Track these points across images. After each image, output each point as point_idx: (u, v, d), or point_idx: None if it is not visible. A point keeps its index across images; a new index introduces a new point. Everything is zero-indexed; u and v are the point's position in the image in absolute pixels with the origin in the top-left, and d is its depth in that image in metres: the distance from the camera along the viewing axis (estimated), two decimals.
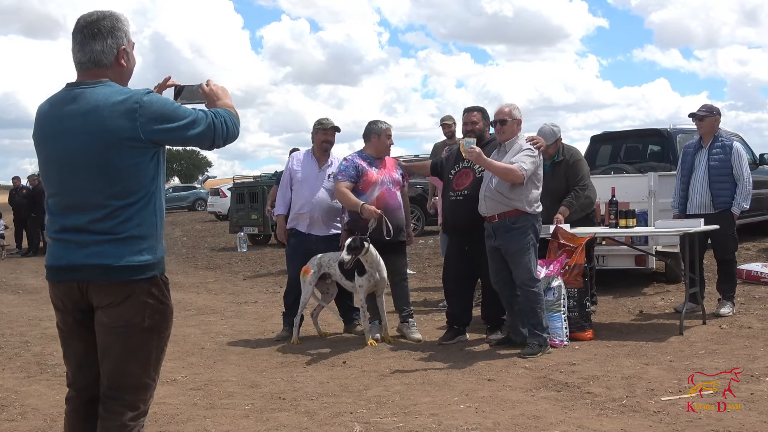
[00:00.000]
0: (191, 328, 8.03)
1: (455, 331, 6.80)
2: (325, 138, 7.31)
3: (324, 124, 7.34)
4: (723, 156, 7.44)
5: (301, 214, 7.27)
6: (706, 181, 7.46)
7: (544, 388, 5.15)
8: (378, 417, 4.65)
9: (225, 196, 27.03)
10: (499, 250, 6.28)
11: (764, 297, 8.27)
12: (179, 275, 13.71)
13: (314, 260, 7.03)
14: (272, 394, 5.30)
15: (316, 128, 7.36)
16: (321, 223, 7.26)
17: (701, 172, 7.50)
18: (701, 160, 7.54)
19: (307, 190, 7.24)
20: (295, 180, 7.34)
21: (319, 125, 7.35)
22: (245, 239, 17.32)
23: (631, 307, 8.22)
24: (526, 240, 6.17)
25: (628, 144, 13.05)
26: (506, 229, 6.20)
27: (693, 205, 7.54)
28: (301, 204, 7.26)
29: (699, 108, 7.62)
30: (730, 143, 7.51)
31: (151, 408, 4.99)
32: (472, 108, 6.93)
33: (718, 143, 7.50)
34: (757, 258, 11.24)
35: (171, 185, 58.01)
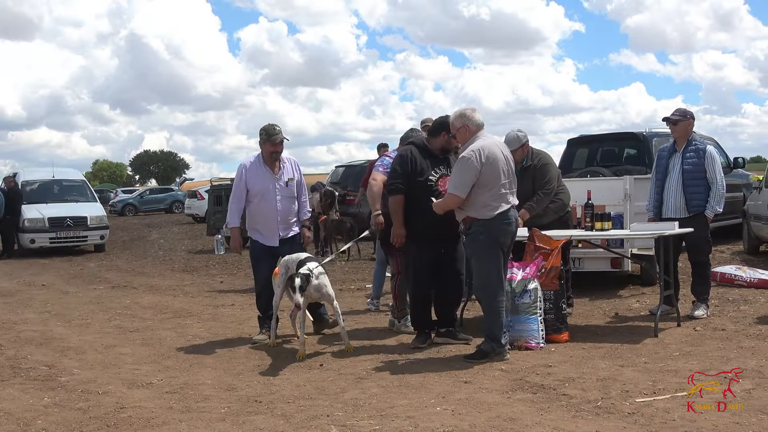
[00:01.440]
0: (167, 331, 7.98)
1: (426, 335, 6.81)
2: (273, 150, 7.22)
3: (273, 137, 7.17)
4: (697, 160, 7.50)
5: (265, 226, 7.33)
6: (680, 185, 7.52)
7: (520, 390, 5.17)
8: (354, 420, 4.65)
9: (202, 198, 26.93)
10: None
11: (738, 299, 8.35)
12: (156, 278, 13.62)
13: (282, 262, 7.06)
14: (248, 397, 5.28)
15: (264, 139, 7.21)
16: (283, 228, 7.36)
17: (675, 176, 7.57)
18: (675, 163, 7.61)
19: (266, 203, 7.26)
20: (253, 193, 7.29)
21: (267, 136, 7.19)
22: (223, 242, 17.26)
23: (607, 309, 8.28)
24: (477, 246, 6.12)
25: (605, 147, 13.16)
26: (466, 234, 6.27)
27: (668, 209, 7.60)
28: (264, 217, 7.31)
29: (673, 112, 7.69)
30: (704, 147, 7.57)
31: (125, 412, 5.00)
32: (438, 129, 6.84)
33: (691, 147, 7.57)
34: (731, 261, 11.37)
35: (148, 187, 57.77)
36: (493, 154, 6.11)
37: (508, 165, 6.21)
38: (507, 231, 6.17)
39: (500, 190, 6.11)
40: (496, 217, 6.08)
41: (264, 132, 7.23)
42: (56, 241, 18.43)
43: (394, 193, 6.74)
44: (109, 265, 16.31)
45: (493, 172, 6.09)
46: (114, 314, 9.35)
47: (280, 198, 7.27)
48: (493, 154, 6.11)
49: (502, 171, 6.12)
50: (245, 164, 7.37)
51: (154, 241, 21.54)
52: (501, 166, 6.12)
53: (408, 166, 6.69)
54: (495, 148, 6.17)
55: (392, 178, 6.81)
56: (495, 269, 6.12)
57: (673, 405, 4.64)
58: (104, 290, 11.91)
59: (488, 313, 6.19)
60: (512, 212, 6.21)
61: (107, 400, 5.34)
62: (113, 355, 6.87)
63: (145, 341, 7.46)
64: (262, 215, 7.31)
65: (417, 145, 6.85)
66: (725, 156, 14.47)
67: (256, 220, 7.39)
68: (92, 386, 5.73)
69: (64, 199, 19.77)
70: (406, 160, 6.73)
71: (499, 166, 6.11)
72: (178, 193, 42.60)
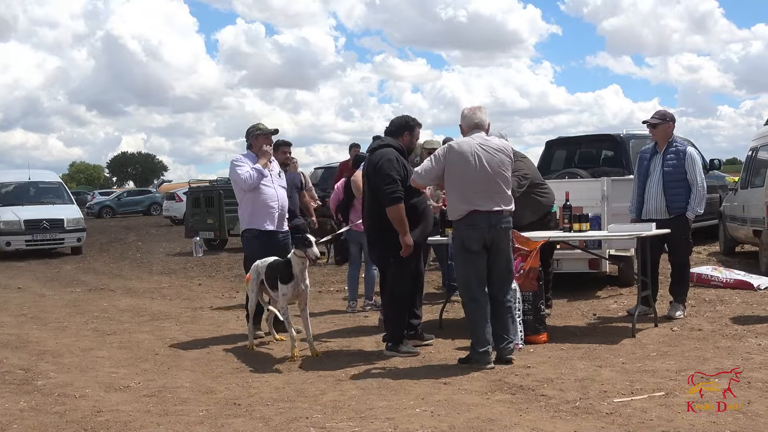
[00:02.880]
0: (145, 334, 7.93)
1: (404, 338, 6.73)
2: (267, 141, 7.50)
3: (263, 129, 7.53)
4: (677, 162, 7.55)
5: (267, 213, 7.44)
6: (661, 187, 7.56)
7: (499, 391, 5.18)
8: (334, 422, 4.64)
9: (180, 200, 26.80)
10: None
11: (714, 300, 8.43)
12: (133, 280, 13.54)
13: (253, 267, 7.04)
14: (227, 400, 5.26)
15: (255, 134, 7.50)
16: (282, 219, 7.58)
17: (656, 178, 7.61)
18: (656, 165, 7.65)
19: (267, 190, 7.41)
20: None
21: (258, 131, 7.50)
22: (201, 244, 17.19)
23: (585, 310, 8.32)
24: (454, 248, 6.25)
25: (582, 149, 13.24)
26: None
27: (649, 211, 7.64)
28: (266, 204, 7.42)
29: (653, 115, 7.74)
30: (684, 149, 7.62)
31: (103, 415, 4.96)
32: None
33: (672, 149, 7.61)
34: (708, 261, 11.48)
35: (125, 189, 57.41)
36: (461, 154, 6.00)
37: (485, 168, 5.97)
38: (471, 236, 6.02)
39: (466, 191, 6.00)
40: (461, 220, 6.06)
41: (254, 128, 7.53)
42: (32, 244, 18.26)
43: (397, 202, 6.29)
44: (86, 267, 16.19)
45: (455, 173, 6.04)
46: (91, 317, 9.28)
47: (278, 186, 7.55)
48: (461, 155, 6.00)
49: (472, 173, 5.97)
50: (240, 156, 7.55)
51: (132, 244, 21.41)
52: (470, 167, 5.97)
53: (401, 169, 6.41)
54: (468, 149, 6.01)
55: (390, 184, 6.32)
56: (464, 273, 6.10)
57: (651, 405, 4.67)
58: (81, 293, 11.81)
59: (467, 314, 6.19)
60: (481, 216, 5.99)
61: (84, 403, 5.30)
62: (90, 359, 6.82)
63: (122, 344, 7.41)
64: (264, 202, 7.42)
65: (396, 149, 6.55)
66: (702, 158, 14.59)
67: (258, 208, 7.42)
68: (69, 390, 5.69)
69: (41, 201, 19.58)
70: (400, 164, 6.44)
71: (466, 167, 5.98)
72: (155, 195, 42.38)
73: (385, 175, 6.34)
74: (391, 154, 6.46)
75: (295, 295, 6.65)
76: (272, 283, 6.79)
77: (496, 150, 6.09)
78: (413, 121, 6.76)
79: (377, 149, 6.60)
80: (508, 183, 6.13)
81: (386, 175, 6.33)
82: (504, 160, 6.10)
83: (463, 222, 6.05)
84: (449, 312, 8.05)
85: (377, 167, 6.42)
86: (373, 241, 6.73)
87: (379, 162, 6.44)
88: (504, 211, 6.06)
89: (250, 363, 6.45)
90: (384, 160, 6.42)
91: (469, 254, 6.05)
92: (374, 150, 6.65)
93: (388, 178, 6.32)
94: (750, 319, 7.35)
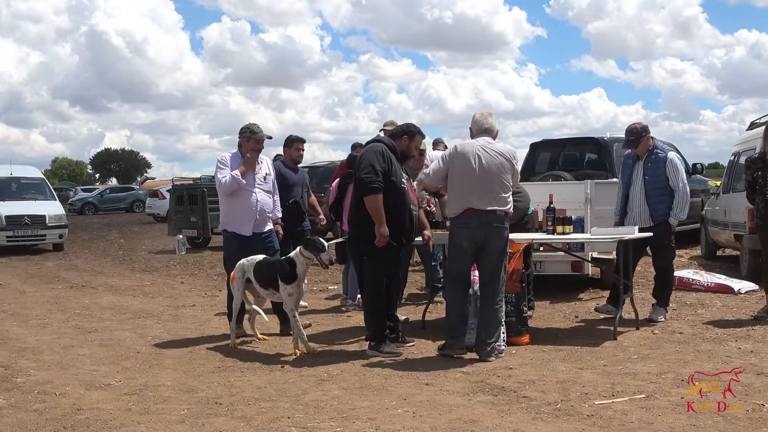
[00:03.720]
0: (126, 332, 7.89)
1: (386, 338, 6.74)
2: (257, 147, 7.38)
3: (258, 134, 7.37)
4: (657, 169, 7.57)
5: (243, 218, 7.34)
6: (643, 196, 7.58)
7: (481, 393, 5.19)
8: (316, 422, 4.64)
9: (164, 197, 26.73)
10: None
11: (695, 303, 8.49)
12: (115, 278, 13.47)
13: (238, 266, 7.02)
14: (208, 399, 5.24)
15: (248, 136, 7.37)
16: (260, 222, 7.44)
17: (638, 187, 7.64)
18: (638, 173, 7.67)
19: (245, 195, 7.32)
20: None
21: (251, 133, 7.37)
22: (184, 242, 17.12)
23: (567, 312, 8.35)
24: (437, 248, 6.66)
25: (567, 152, 13.29)
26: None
27: (633, 219, 7.65)
28: (243, 209, 7.33)
29: (627, 135, 7.69)
30: (665, 155, 7.63)
31: (83, 413, 4.93)
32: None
33: (652, 156, 7.62)
34: (689, 265, 11.55)
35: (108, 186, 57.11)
36: (462, 155, 6.24)
37: (484, 168, 6.17)
38: (461, 233, 6.27)
39: (463, 190, 6.22)
40: (455, 217, 6.31)
41: (248, 130, 7.36)
42: (13, 240, 18.09)
43: (374, 192, 6.30)
44: (68, 264, 16.08)
45: (456, 173, 6.26)
46: (72, 314, 9.23)
47: (258, 191, 7.37)
48: (463, 155, 6.23)
49: (470, 172, 6.16)
50: (225, 156, 7.43)
51: (114, 241, 21.29)
52: (469, 167, 6.17)
53: (386, 164, 6.41)
54: (470, 149, 6.24)
55: (370, 174, 6.31)
56: (449, 265, 6.47)
57: (631, 407, 4.69)
58: (62, 290, 11.74)
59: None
60: (474, 215, 6.18)
61: (64, 401, 5.27)
62: (71, 356, 6.78)
63: (103, 342, 7.37)
64: (240, 207, 7.34)
65: (387, 145, 6.56)
66: (684, 162, 14.69)
67: (234, 212, 7.39)
68: (49, 387, 5.65)
69: (22, 197, 19.39)
70: (385, 158, 6.42)
71: (466, 167, 6.18)
72: (139, 193, 42.22)
73: (366, 164, 6.36)
74: (378, 147, 6.51)
75: (300, 294, 6.76)
76: (266, 282, 6.79)
77: (498, 153, 6.28)
78: (415, 129, 6.81)
79: (368, 144, 6.74)
80: (505, 186, 6.28)
81: (367, 165, 6.35)
82: (504, 164, 6.26)
83: (456, 220, 6.30)
84: (432, 312, 8.06)
85: (361, 157, 6.52)
86: (353, 235, 6.74)
87: (363, 153, 6.55)
88: (498, 211, 6.22)
89: (232, 362, 6.42)
90: (369, 152, 6.49)
91: (457, 250, 6.34)
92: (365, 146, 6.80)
93: (369, 167, 6.33)
94: (730, 322, 7.41)
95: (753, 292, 9.06)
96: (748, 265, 10.08)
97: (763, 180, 7.38)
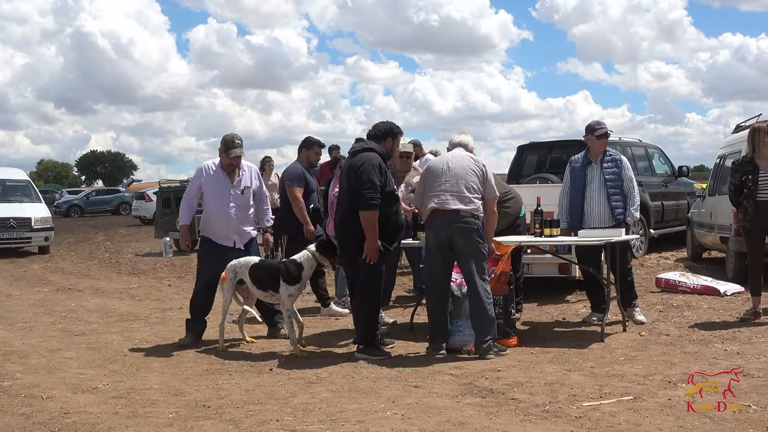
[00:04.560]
0: (113, 335, 7.86)
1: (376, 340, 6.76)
2: (229, 162, 7.25)
3: (230, 150, 7.20)
4: (616, 170, 7.67)
5: (217, 230, 7.34)
6: (604, 195, 7.64)
7: (469, 395, 5.20)
8: (304, 425, 4.63)
9: (150, 200, 26.61)
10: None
11: (681, 305, 8.53)
12: (102, 280, 13.41)
13: (229, 266, 7.00)
14: (197, 402, 5.22)
15: (222, 149, 7.27)
16: (236, 235, 7.35)
17: (596, 187, 7.68)
18: (594, 175, 7.72)
19: (220, 208, 7.27)
20: (207, 196, 7.35)
21: (224, 148, 7.24)
22: (171, 245, 17.06)
23: (555, 314, 8.38)
24: (424, 251, 6.88)
25: (554, 154, 13.32)
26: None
27: (592, 219, 7.69)
28: (217, 221, 7.31)
29: (598, 127, 7.76)
30: (619, 158, 7.79)
31: (70, 417, 4.91)
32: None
33: (608, 157, 7.74)
34: (675, 267, 11.60)
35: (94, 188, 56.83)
36: (433, 165, 6.72)
37: (450, 171, 6.48)
38: (428, 235, 6.57)
39: (431, 194, 6.49)
40: (425, 221, 6.61)
41: (223, 143, 7.25)
42: None
43: (374, 209, 6.26)
44: (54, 267, 16.00)
45: (427, 182, 6.59)
46: (59, 317, 9.18)
47: (233, 205, 7.27)
48: (433, 165, 6.71)
49: (438, 178, 6.48)
50: (205, 166, 7.38)
51: (101, 243, 21.18)
52: (438, 173, 6.51)
53: (383, 177, 6.38)
54: (440, 160, 6.76)
55: (370, 190, 6.27)
56: (426, 269, 6.74)
57: (619, 409, 4.71)
58: (49, 293, 11.68)
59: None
60: (437, 216, 6.41)
61: (51, 405, 5.24)
62: (58, 360, 6.74)
63: (90, 345, 7.34)
64: (214, 219, 7.32)
65: (380, 154, 6.51)
66: (670, 164, 14.78)
67: (208, 222, 7.40)
68: (36, 391, 5.61)
69: (8, 199, 19.26)
70: (382, 171, 6.39)
71: (435, 175, 6.53)
72: (125, 195, 42.00)
73: (367, 179, 6.29)
74: (375, 159, 6.43)
75: (298, 295, 6.84)
76: (265, 284, 6.79)
77: (464, 158, 6.60)
78: (397, 129, 6.82)
79: (360, 152, 6.56)
80: (472, 188, 6.47)
81: (368, 180, 6.28)
82: (472, 167, 6.53)
83: (425, 222, 6.61)
84: (420, 315, 8.06)
85: (360, 170, 6.36)
86: (344, 243, 6.68)
87: (362, 166, 6.38)
88: (462, 210, 6.35)
89: (220, 365, 6.41)
90: (368, 164, 6.37)
91: (427, 251, 6.67)
92: (357, 152, 6.60)
93: (369, 183, 6.27)
94: (716, 324, 7.45)
95: (739, 294, 9.11)
96: (733, 267, 10.13)
97: (753, 183, 7.43)
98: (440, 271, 6.55)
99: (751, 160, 7.51)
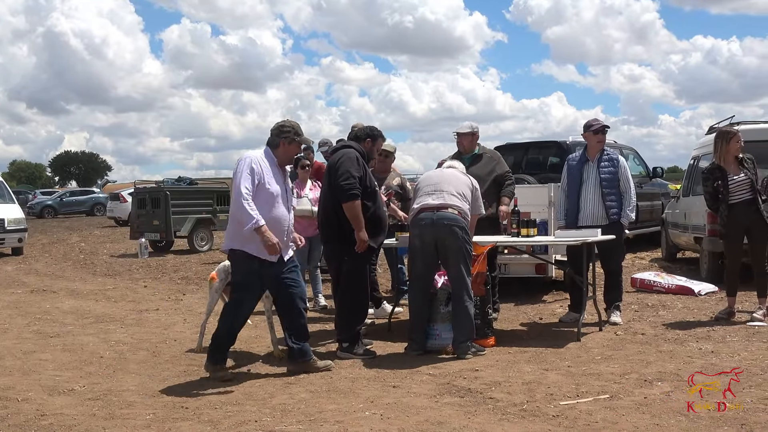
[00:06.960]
0: (89, 337, 7.80)
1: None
2: (298, 152, 6.50)
3: (304, 138, 6.01)
4: (613, 169, 7.71)
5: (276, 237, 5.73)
6: (599, 194, 7.69)
7: (447, 394, 5.22)
8: (283, 425, 4.63)
9: (125, 200, 26.46)
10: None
11: (656, 305, 8.61)
12: (76, 282, 13.29)
13: (221, 267, 6.94)
14: (174, 403, 5.20)
15: (290, 138, 5.88)
16: (287, 243, 5.99)
17: (591, 185, 7.73)
18: (590, 173, 7.77)
19: (281, 210, 5.83)
20: (268, 195, 5.74)
21: (296, 135, 5.91)
22: (146, 245, 16.96)
23: (532, 314, 8.43)
24: (401, 251, 7.14)
25: (530, 155, 13.41)
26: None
27: (586, 217, 7.74)
28: (276, 227, 5.76)
29: (595, 123, 7.82)
30: (617, 157, 7.82)
31: (46, 419, 4.87)
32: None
33: (605, 157, 7.77)
34: (650, 267, 11.71)
35: (68, 189, 56.35)
36: (427, 175, 6.92)
37: (439, 175, 6.78)
38: (413, 233, 6.61)
39: (419, 194, 6.66)
40: (411, 220, 6.68)
41: (293, 129, 5.90)
42: None
43: (354, 198, 6.28)
44: (28, 268, 15.84)
45: (421, 184, 6.75)
46: (33, 319, 9.09)
47: (290, 207, 6.01)
48: (427, 175, 6.90)
49: (428, 182, 6.69)
50: (256, 158, 5.78)
51: (75, 245, 21.00)
52: (430, 181, 6.70)
53: (361, 169, 6.43)
54: (433, 171, 7.04)
55: (348, 180, 6.26)
56: (410, 268, 6.78)
57: (596, 407, 4.75)
58: (23, 294, 11.56)
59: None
60: (423, 213, 6.49)
61: (27, 407, 5.19)
62: (33, 361, 6.68)
63: (66, 347, 7.28)
64: (273, 224, 5.71)
65: (357, 150, 6.57)
66: (644, 165, 14.92)
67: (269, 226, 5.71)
68: (11, 393, 5.56)
69: None
70: (360, 164, 6.44)
71: (428, 180, 6.72)
72: (99, 196, 41.69)
73: (344, 171, 6.35)
74: (352, 153, 6.51)
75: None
76: None
77: (458, 174, 6.79)
78: (378, 132, 6.92)
79: (339, 149, 6.71)
80: (462, 191, 6.57)
81: (345, 172, 6.34)
82: (464, 180, 6.73)
83: (412, 220, 6.63)
84: (398, 315, 8.08)
85: (338, 164, 6.45)
86: (328, 240, 6.74)
87: (339, 159, 6.48)
88: (448, 207, 6.42)
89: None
90: (345, 158, 6.47)
91: (411, 250, 6.69)
92: (336, 150, 6.77)
93: (347, 174, 6.33)
94: (691, 323, 7.53)
95: (713, 294, 9.22)
96: (707, 267, 10.25)
97: (724, 188, 7.50)
98: (423, 271, 6.59)
99: (719, 167, 7.58)
